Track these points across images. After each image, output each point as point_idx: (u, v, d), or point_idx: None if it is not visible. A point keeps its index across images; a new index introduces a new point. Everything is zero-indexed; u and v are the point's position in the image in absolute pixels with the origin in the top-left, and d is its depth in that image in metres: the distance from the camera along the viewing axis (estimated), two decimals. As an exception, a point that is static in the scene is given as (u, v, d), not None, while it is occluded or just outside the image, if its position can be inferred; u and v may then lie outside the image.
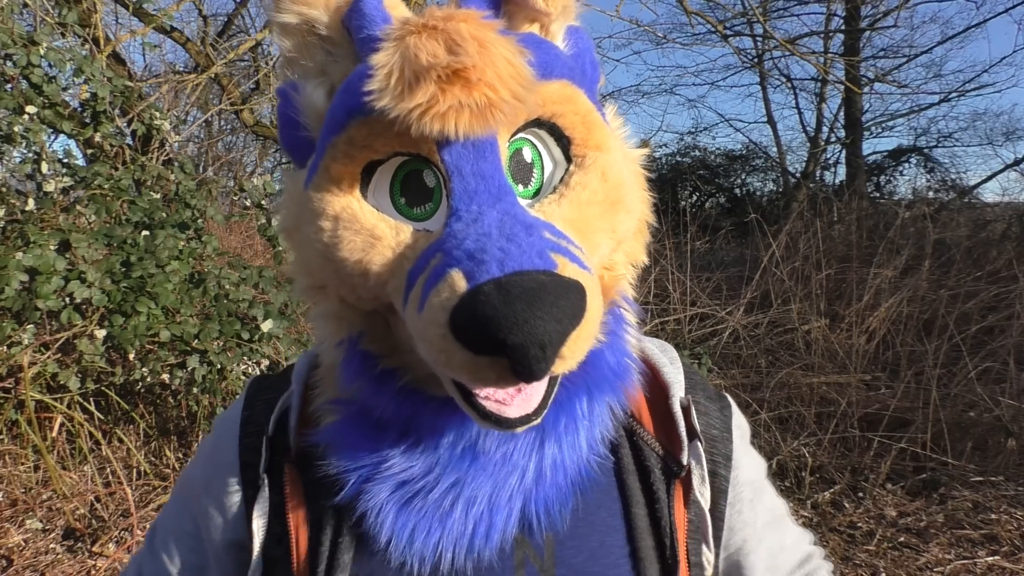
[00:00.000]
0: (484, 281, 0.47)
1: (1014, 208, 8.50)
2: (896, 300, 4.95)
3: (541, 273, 0.48)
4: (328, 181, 0.57)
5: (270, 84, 8.13)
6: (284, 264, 3.56)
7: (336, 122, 0.56)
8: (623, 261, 0.66)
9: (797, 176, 11.32)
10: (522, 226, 0.51)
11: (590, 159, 0.59)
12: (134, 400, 3.47)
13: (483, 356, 0.47)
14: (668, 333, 5.14)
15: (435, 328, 0.49)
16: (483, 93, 0.50)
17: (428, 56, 0.50)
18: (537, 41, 0.58)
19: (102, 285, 2.92)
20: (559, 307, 0.47)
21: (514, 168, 0.58)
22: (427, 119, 0.50)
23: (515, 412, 0.53)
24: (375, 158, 0.56)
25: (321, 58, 0.62)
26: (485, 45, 0.51)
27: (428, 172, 0.56)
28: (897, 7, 9.84)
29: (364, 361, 0.61)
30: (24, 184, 3.55)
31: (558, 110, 0.58)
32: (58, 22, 3.69)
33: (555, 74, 0.57)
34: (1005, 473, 3.49)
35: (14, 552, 2.79)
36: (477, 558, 0.60)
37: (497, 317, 0.45)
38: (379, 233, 0.56)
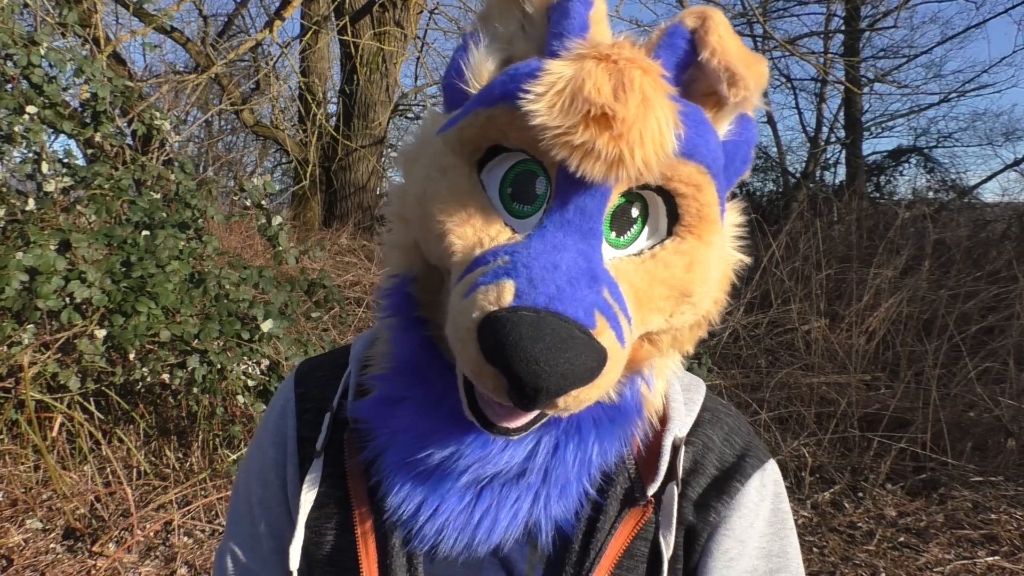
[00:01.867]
0: (527, 306, 0.50)
1: (1014, 208, 8.51)
2: (896, 300, 4.95)
3: (577, 327, 0.50)
4: (457, 140, 0.60)
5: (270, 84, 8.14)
6: (284, 264, 3.56)
7: (490, 97, 0.58)
8: (668, 343, 0.65)
9: (797, 176, 11.32)
10: (588, 276, 0.53)
11: (687, 244, 0.59)
12: (134, 400, 3.47)
13: (490, 366, 0.50)
14: (668, 333, 5.14)
15: (466, 320, 0.52)
16: (619, 147, 0.51)
17: (592, 88, 0.51)
18: (698, 120, 0.58)
19: (102, 285, 2.92)
20: (573, 365, 0.49)
21: (617, 215, 0.59)
22: (559, 142, 0.52)
23: (500, 421, 0.56)
24: (503, 144, 0.58)
25: (514, 29, 0.64)
26: (648, 103, 0.52)
27: (541, 179, 0.58)
28: (897, 7, 9.84)
29: (407, 301, 0.65)
30: (24, 184, 3.55)
31: (682, 190, 0.58)
32: (58, 22, 3.70)
33: (696, 157, 0.57)
34: (1005, 473, 3.49)
35: (14, 552, 2.79)
36: (475, 552, 0.63)
37: (519, 346, 0.48)
38: (473, 210, 0.58)
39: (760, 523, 0.70)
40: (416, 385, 0.64)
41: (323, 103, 8.50)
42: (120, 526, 2.96)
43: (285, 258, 3.48)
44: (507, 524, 0.62)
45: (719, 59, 0.57)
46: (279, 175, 11.29)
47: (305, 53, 8.26)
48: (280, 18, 7.14)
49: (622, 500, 0.67)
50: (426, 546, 0.64)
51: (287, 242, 3.47)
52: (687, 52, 0.59)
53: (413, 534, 0.64)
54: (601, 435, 0.63)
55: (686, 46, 0.59)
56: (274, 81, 8.11)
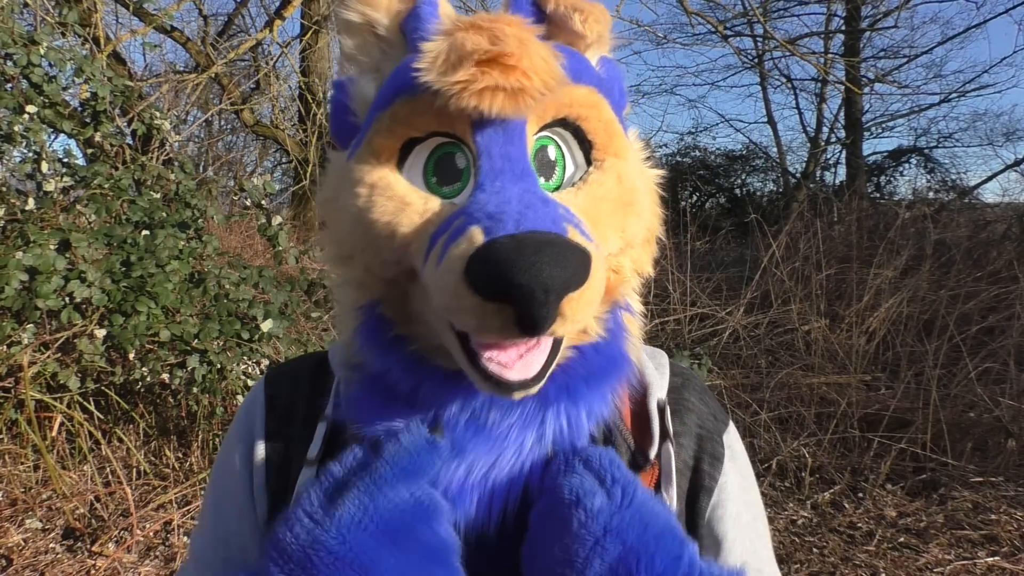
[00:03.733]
0: (500, 236, 0.52)
1: (1014, 208, 8.50)
2: (896, 300, 4.95)
3: (553, 234, 0.52)
4: (369, 153, 0.62)
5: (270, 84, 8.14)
6: (284, 264, 3.56)
7: (383, 100, 0.62)
8: (629, 267, 0.69)
9: (797, 176, 11.32)
10: (540, 200, 0.57)
11: (608, 163, 0.64)
12: (134, 400, 3.46)
13: (491, 303, 0.51)
14: (668, 333, 5.14)
15: (450, 275, 0.53)
16: (517, 78, 0.55)
17: (472, 43, 0.55)
18: (571, 51, 0.64)
19: (102, 285, 2.92)
20: (565, 259, 0.51)
21: (538, 163, 0.62)
22: (464, 95, 0.55)
23: (515, 376, 0.56)
24: (414, 135, 0.61)
25: (377, 56, 0.68)
26: (524, 41, 0.56)
27: (460, 155, 0.61)
28: (897, 7, 9.85)
29: (379, 325, 0.66)
30: (24, 184, 3.55)
31: (584, 113, 0.63)
32: (58, 22, 3.69)
33: (584, 80, 0.63)
34: (1005, 473, 3.49)
35: (14, 552, 2.79)
36: (481, 529, 0.62)
37: (508, 261, 0.50)
38: (409, 200, 0.61)
39: (737, 476, 0.76)
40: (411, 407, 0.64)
41: (323, 103, 8.49)
42: (120, 526, 2.96)
43: (285, 258, 3.48)
44: (504, 498, 0.63)
45: (563, 4, 0.64)
46: (279, 175, 11.30)
47: (305, 53, 8.26)
48: (280, 18, 7.14)
49: (629, 465, 0.69)
50: None
51: (287, 242, 3.47)
52: (534, 12, 0.65)
53: None
54: (594, 389, 0.65)
55: (531, 6, 0.65)
56: (274, 81, 8.11)
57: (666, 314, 5.25)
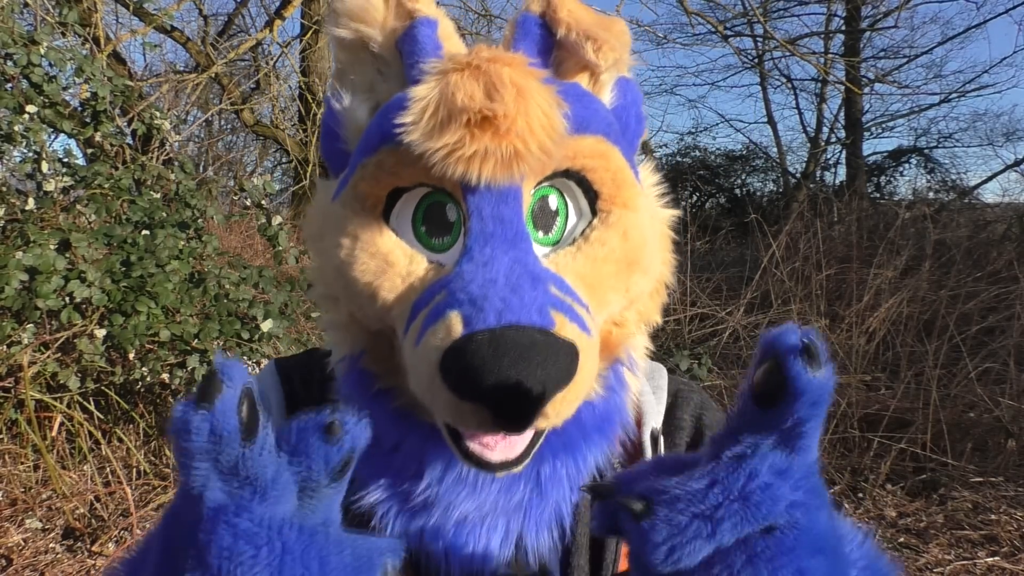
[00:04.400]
0: (479, 329, 0.47)
1: (1014, 209, 8.51)
2: (896, 301, 4.94)
3: (537, 331, 0.48)
4: (354, 199, 0.58)
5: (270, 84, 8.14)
6: (284, 264, 3.56)
7: (369, 145, 0.57)
8: (635, 319, 0.65)
9: (797, 176, 11.33)
10: (529, 278, 0.52)
11: (615, 216, 0.59)
12: (134, 400, 3.46)
13: (466, 402, 0.48)
14: (668, 333, 5.15)
15: (426, 367, 0.50)
16: (511, 143, 0.50)
17: (464, 97, 0.50)
18: (579, 94, 0.58)
19: (102, 285, 2.92)
20: (546, 368, 0.47)
21: (537, 213, 0.58)
22: (451, 161, 0.50)
23: (497, 457, 0.54)
24: (400, 185, 0.57)
25: (371, 75, 0.63)
26: (523, 93, 0.51)
27: (451, 206, 0.57)
28: (897, 7, 9.85)
29: (362, 379, 0.62)
30: (24, 183, 3.55)
31: (589, 164, 0.58)
32: (58, 21, 3.70)
33: (591, 129, 0.57)
34: (1005, 474, 3.49)
35: (14, 552, 2.79)
36: (476, 572, 0.61)
37: (483, 368, 0.46)
38: (393, 259, 0.56)
39: None
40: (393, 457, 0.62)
41: (323, 103, 8.49)
42: (120, 526, 2.96)
43: (285, 258, 3.48)
44: (501, 546, 0.61)
45: (576, 31, 0.58)
46: (279, 175, 11.30)
47: (305, 53, 8.26)
48: (280, 18, 7.14)
49: None
50: None
51: (287, 242, 3.47)
52: (544, 36, 0.60)
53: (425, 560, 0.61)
54: (591, 446, 0.62)
55: (540, 31, 0.60)
56: (274, 81, 8.11)
57: (666, 314, 5.24)
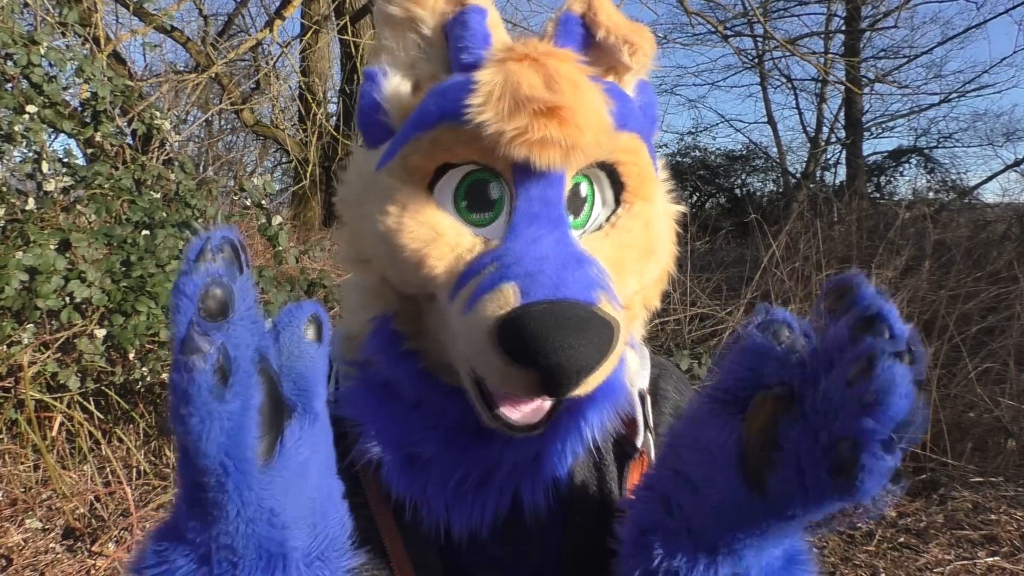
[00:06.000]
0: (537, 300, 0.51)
1: (1014, 209, 8.50)
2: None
3: (587, 307, 0.52)
4: (403, 170, 0.61)
5: (270, 84, 8.14)
6: (284, 264, 3.56)
7: (426, 121, 0.60)
8: (640, 303, 0.70)
9: (797, 176, 11.33)
10: (575, 259, 0.57)
11: (638, 207, 0.65)
12: (134, 400, 3.46)
13: (518, 368, 0.51)
14: (668, 333, 5.14)
15: (480, 332, 0.53)
16: (571, 134, 0.55)
17: (528, 87, 0.54)
18: (619, 93, 0.63)
19: (102, 285, 2.92)
20: (598, 342, 0.52)
21: (569, 198, 0.62)
22: (518, 144, 0.54)
23: (522, 420, 0.58)
24: (451, 161, 0.60)
25: (414, 54, 0.66)
26: (578, 88, 0.56)
27: (494, 184, 0.60)
28: (897, 7, 9.85)
29: (391, 339, 0.65)
30: (24, 183, 3.55)
31: (623, 159, 0.63)
32: (58, 21, 3.70)
33: (629, 127, 0.62)
34: (1005, 474, 3.49)
35: (14, 552, 2.79)
36: (475, 530, 0.64)
37: (545, 337, 0.50)
38: (442, 229, 0.60)
39: None
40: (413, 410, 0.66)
41: (323, 103, 8.49)
42: (120, 526, 2.96)
43: (285, 258, 3.48)
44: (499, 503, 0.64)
45: (615, 35, 0.63)
46: (279, 175, 11.30)
47: (305, 53, 8.26)
48: (280, 18, 7.14)
49: (616, 455, 0.72)
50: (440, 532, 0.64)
51: (287, 242, 3.47)
52: (583, 36, 0.64)
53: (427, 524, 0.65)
54: (594, 413, 0.65)
55: (581, 30, 0.64)
56: (274, 81, 8.11)
57: (666, 314, 5.25)
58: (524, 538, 0.68)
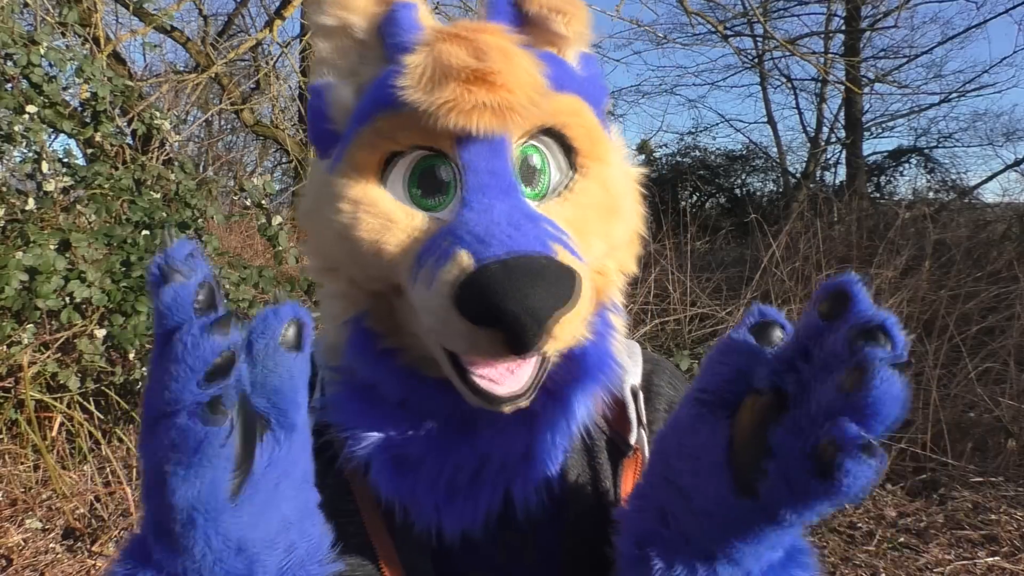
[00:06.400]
0: (489, 259, 0.52)
1: (1014, 209, 8.50)
2: (896, 300, 4.94)
3: (541, 257, 0.52)
4: (351, 167, 0.62)
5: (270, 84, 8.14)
6: (284, 264, 3.56)
7: (364, 113, 0.61)
8: (614, 268, 0.70)
9: (797, 176, 11.33)
10: (527, 217, 0.57)
11: (593, 169, 0.64)
12: (134, 400, 3.46)
13: (481, 327, 0.52)
14: (668, 333, 5.14)
15: (440, 299, 0.53)
16: (503, 95, 0.55)
17: (455, 58, 0.55)
18: (553, 58, 0.64)
19: (102, 285, 2.92)
20: (555, 286, 0.52)
21: (523, 171, 0.62)
22: (451, 114, 0.55)
23: (505, 390, 0.57)
24: (396, 149, 0.60)
25: (354, 60, 0.66)
26: (507, 54, 0.57)
27: (443, 167, 0.60)
28: (897, 7, 9.85)
29: (367, 339, 0.65)
30: (24, 183, 3.55)
31: (567, 121, 0.63)
32: (58, 22, 3.70)
33: (567, 88, 0.62)
34: (1005, 474, 3.49)
35: (14, 552, 2.79)
36: (467, 529, 0.63)
37: (499, 290, 0.50)
38: (395, 217, 0.60)
39: None
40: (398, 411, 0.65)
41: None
42: (120, 526, 2.96)
43: (285, 258, 3.48)
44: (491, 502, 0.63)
45: (545, 5, 0.63)
46: (279, 175, 11.29)
47: (305, 53, 8.25)
48: (280, 18, 7.14)
49: (610, 453, 0.71)
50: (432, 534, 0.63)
51: (287, 242, 3.47)
52: (514, 14, 0.64)
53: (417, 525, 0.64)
54: (581, 392, 0.65)
55: (510, 7, 0.64)
56: (274, 81, 8.10)
57: (666, 314, 5.24)
58: (518, 538, 0.67)
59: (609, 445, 0.71)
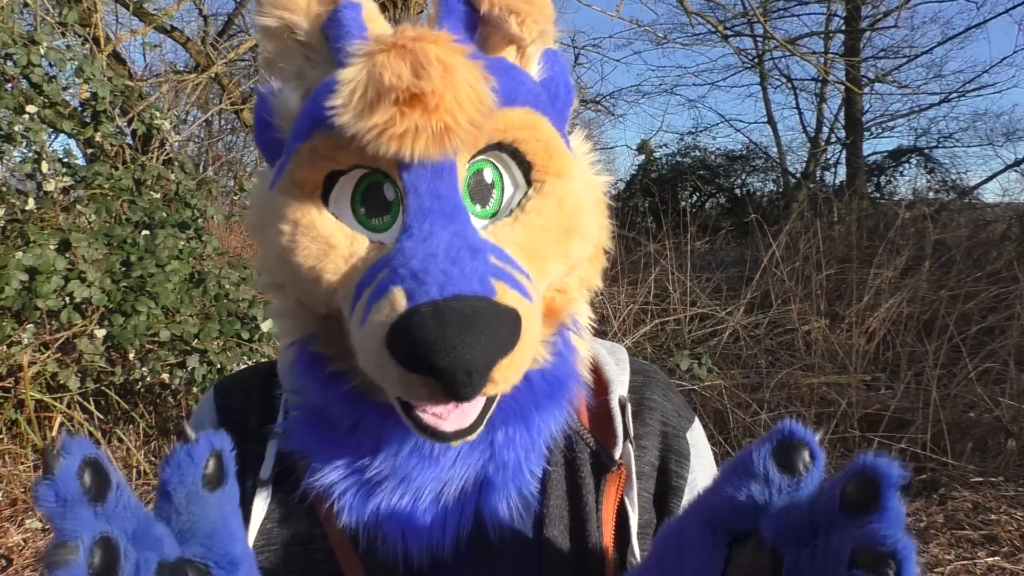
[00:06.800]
0: (423, 303, 0.48)
1: (1014, 209, 8.50)
2: (896, 300, 4.95)
3: (479, 299, 0.49)
4: (291, 185, 0.58)
5: (270, 84, 8.14)
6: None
7: (302, 130, 0.57)
8: (576, 285, 0.67)
9: (797, 176, 11.33)
10: (469, 249, 0.53)
11: (549, 185, 0.60)
12: (134, 400, 3.46)
13: (416, 375, 0.49)
14: (668, 333, 5.14)
15: (372, 343, 0.50)
16: (440, 119, 0.51)
17: (392, 76, 0.50)
18: (505, 67, 0.59)
19: (102, 285, 2.92)
20: (489, 335, 0.48)
21: (473, 187, 0.59)
22: (384, 139, 0.51)
23: (451, 426, 0.54)
24: (337, 168, 0.57)
25: (299, 62, 0.63)
26: (449, 69, 0.51)
27: (388, 186, 0.57)
28: (897, 7, 9.85)
29: (314, 362, 0.62)
30: (24, 183, 3.55)
31: (520, 136, 0.59)
32: (58, 22, 3.70)
33: (519, 101, 0.58)
34: (1005, 474, 3.49)
35: (14, 552, 2.79)
36: (436, 552, 0.62)
37: (428, 340, 0.47)
38: (334, 242, 0.57)
39: (704, 475, 0.74)
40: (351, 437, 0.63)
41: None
42: (120, 526, 2.96)
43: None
44: (460, 522, 0.62)
45: (498, 6, 0.58)
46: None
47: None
48: (280, 18, 7.13)
49: (593, 467, 0.68)
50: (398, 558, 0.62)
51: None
52: (468, 13, 0.60)
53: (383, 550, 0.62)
54: (544, 413, 0.63)
55: (464, 7, 0.60)
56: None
57: (666, 314, 5.24)
58: (494, 558, 0.64)
59: (593, 458, 0.69)
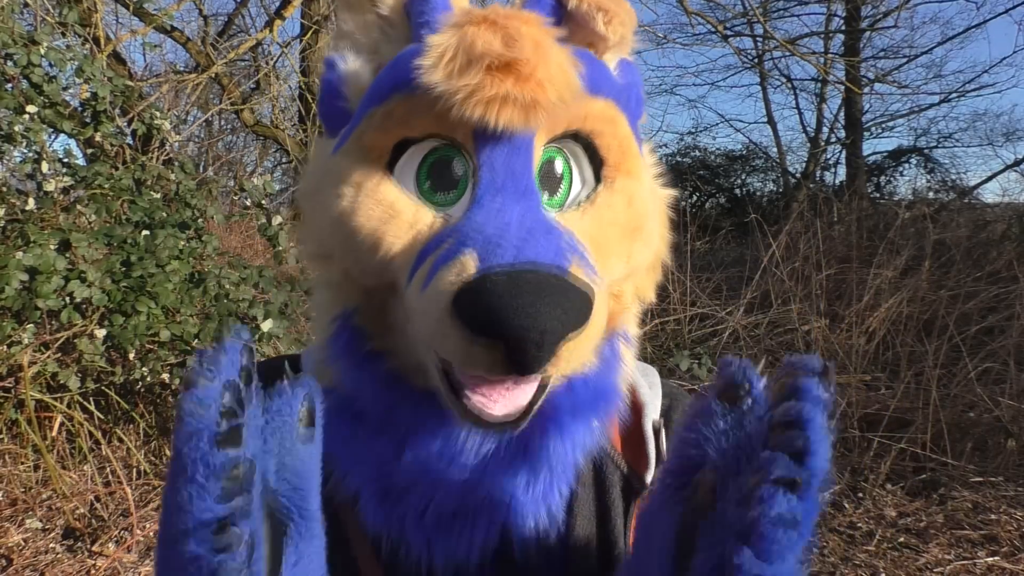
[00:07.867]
0: (496, 266, 0.46)
1: (1014, 209, 8.50)
2: (896, 300, 4.94)
3: (554, 271, 0.47)
4: (358, 149, 0.57)
5: (270, 84, 8.14)
6: (284, 264, 3.56)
7: (379, 93, 0.56)
8: (631, 293, 0.65)
9: (797, 176, 11.32)
10: (542, 226, 0.51)
11: (619, 183, 0.59)
12: (134, 400, 3.46)
13: (480, 339, 0.46)
14: (668, 333, 5.14)
15: (437, 305, 0.48)
16: (531, 89, 0.50)
17: (483, 43, 0.49)
18: (590, 58, 0.58)
19: (102, 285, 2.92)
20: (563, 307, 0.46)
21: (543, 176, 0.57)
22: (471, 103, 0.50)
23: (500, 410, 0.51)
24: (409, 135, 0.55)
25: (376, 36, 0.62)
26: (541, 46, 0.51)
27: (458, 160, 0.55)
28: (897, 7, 9.85)
29: (353, 338, 0.60)
30: (24, 184, 3.55)
31: (598, 128, 0.57)
32: (58, 22, 3.69)
33: (602, 92, 0.57)
34: (1005, 473, 3.49)
35: (14, 552, 2.79)
36: (460, 565, 0.59)
37: (502, 304, 0.45)
38: (399, 207, 0.55)
39: None
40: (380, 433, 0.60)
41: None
42: (120, 526, 2.96)
43: (285, 258, 3.48)
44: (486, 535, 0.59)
45: (588, 2, 0.57)
46: (279, 175, 11.29)
47: (305, 53, 8.25)
48: (280, 18, 7.14)
49: (623, 491, 0.66)
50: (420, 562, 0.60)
51: (287, 242, 3.47)
52: (554, 6, 0.58)
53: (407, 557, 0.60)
54: (580, 421, 0.60)
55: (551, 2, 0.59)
56: (274, 81, 8.10)
57: (666, 314, 5.24)
58: (518, 574, 0.61)
59: (623, 481, 0.66)
